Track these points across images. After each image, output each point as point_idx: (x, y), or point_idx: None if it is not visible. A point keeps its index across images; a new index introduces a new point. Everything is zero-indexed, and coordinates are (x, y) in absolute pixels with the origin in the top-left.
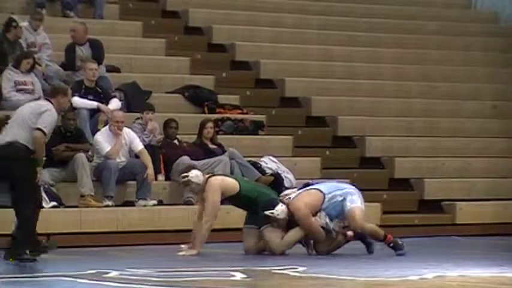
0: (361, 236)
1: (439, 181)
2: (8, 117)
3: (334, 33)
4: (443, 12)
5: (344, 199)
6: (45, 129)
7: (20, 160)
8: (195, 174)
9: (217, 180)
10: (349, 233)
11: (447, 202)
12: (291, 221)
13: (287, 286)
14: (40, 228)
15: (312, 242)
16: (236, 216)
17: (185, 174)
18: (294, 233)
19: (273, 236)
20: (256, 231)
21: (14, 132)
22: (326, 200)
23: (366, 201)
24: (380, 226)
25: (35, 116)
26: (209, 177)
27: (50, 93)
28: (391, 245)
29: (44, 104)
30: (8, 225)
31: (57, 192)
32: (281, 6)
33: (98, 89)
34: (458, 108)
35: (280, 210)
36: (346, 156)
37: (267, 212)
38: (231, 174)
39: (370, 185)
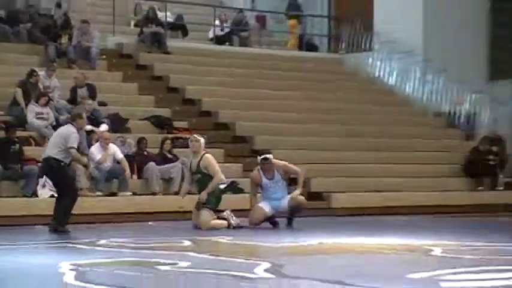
0: (270, 218)
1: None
2: (30, 137)
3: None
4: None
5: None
6: (74, 146)
7: (54, 169)
8: (203, 141)
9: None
10: None
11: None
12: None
13: (221, 247)
14: (50, 209)
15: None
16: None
17: (196, 135)
18: (221, 223)
19: (206, 215)
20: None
21: (50, 148)
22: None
23: None
24: None
25: (64, 138)
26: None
27: (71, 119)
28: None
29: (70, 129)
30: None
31: None
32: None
33: (92, 117)
34: None
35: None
36: None
37: (267, 155)
38: (182, 176)
39: None
